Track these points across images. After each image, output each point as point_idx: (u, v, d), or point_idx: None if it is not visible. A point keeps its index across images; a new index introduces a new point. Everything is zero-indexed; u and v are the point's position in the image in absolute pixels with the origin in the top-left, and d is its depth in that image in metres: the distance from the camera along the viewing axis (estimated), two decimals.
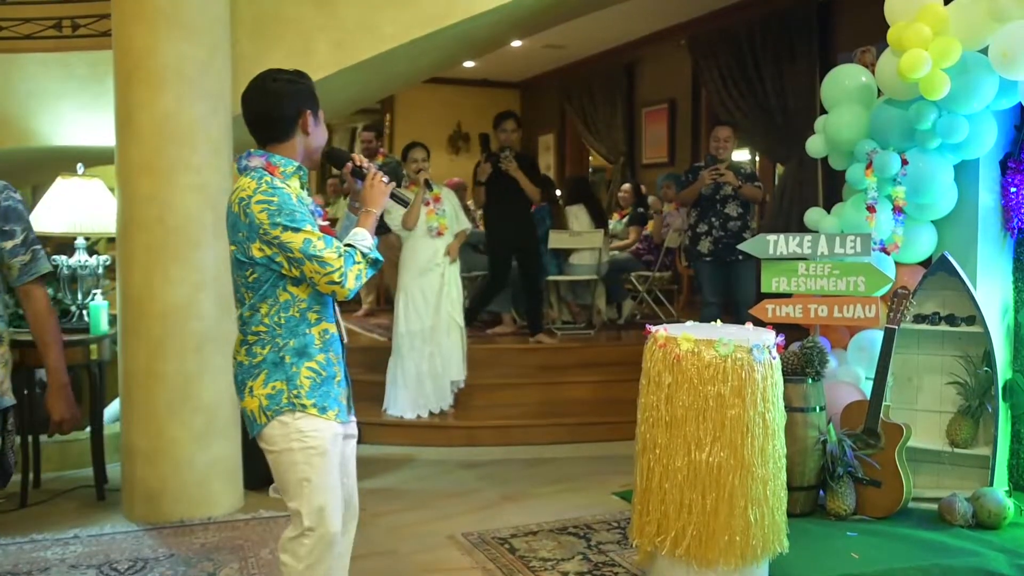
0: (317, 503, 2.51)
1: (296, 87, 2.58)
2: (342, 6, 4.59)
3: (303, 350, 2.52)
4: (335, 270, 2.43)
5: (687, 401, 3.09)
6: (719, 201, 6.18)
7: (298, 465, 2.50)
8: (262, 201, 2.42)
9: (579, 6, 5.70)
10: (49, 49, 4.82)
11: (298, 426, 2.49)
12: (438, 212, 5.92)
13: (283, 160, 2.55)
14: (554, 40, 9.96)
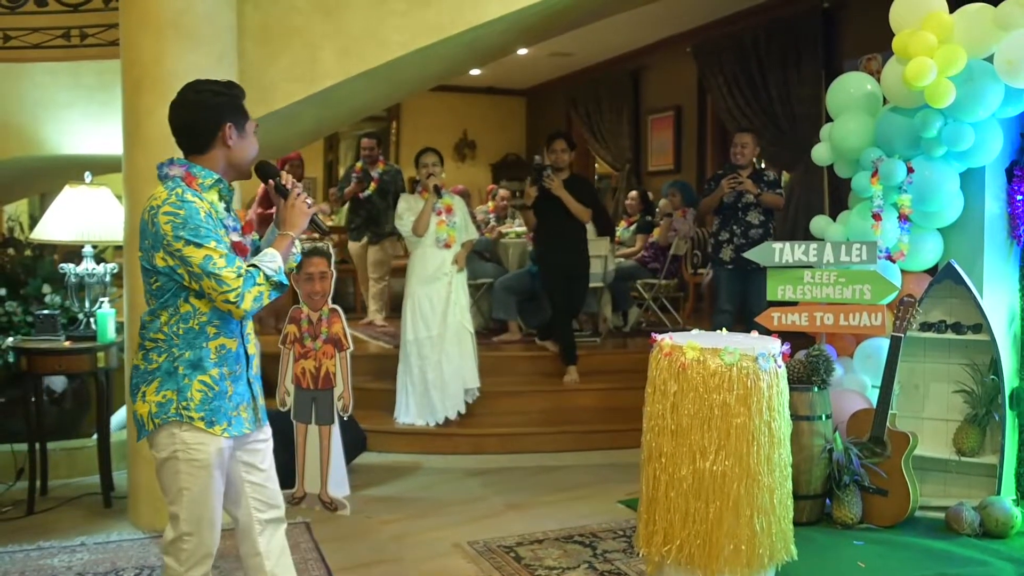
0: (195, 513, 2.57)
1: (219, 99, 2.59)
2: (349, 14, 4.61)
3: (197, 363, 2.54)
4: (231, 290, 2.45)
5: (692, 410, 3.09)
6: (740, 209, 6.16)
7: (180, 474, 2.55)
8: (169, 213, 2.45)
9: (585, 14, 5.72)
10: (58, 58, 4.85)
11: (183, 437, 2.53)
12: (449, 223, 5.80)
13: (203, 172, 2.57)
14: (560, 48, 9.99)
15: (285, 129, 5.29)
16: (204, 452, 2.54)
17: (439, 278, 5.78)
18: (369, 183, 7.85)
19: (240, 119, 2.62)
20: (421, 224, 5.70)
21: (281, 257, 2.59)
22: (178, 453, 2.54)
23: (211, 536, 2.61)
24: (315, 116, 5.30)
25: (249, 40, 4.54)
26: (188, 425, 2.53)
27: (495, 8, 4.61)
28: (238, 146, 2.60)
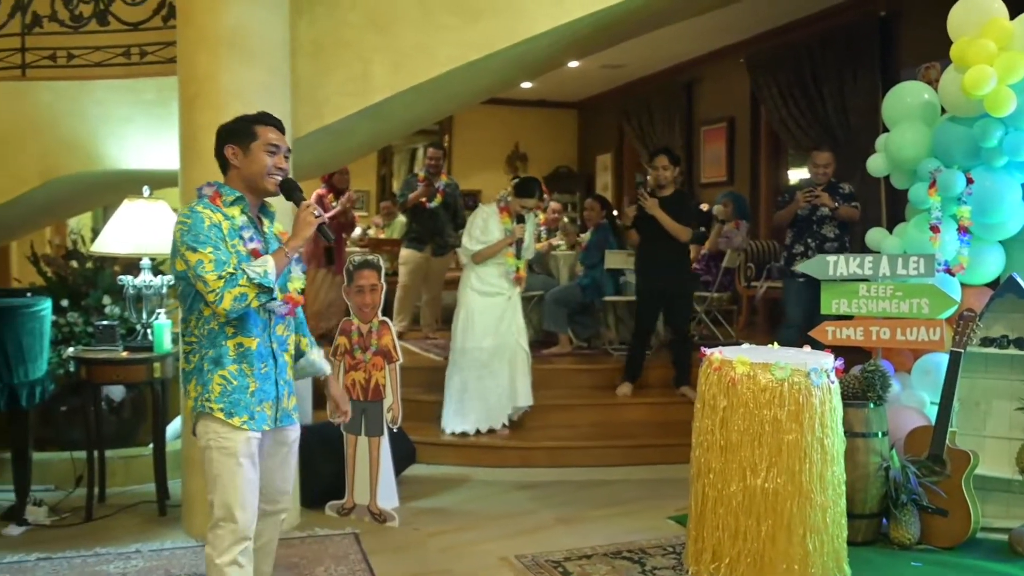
0: (225, 499, 2.79)
1: (229, 126, 2.95)
2: (399, 29, 4.65)
3: (218, 359, 2.81)
4: (211, 291, 2.70)
5: (742, 425, 3.05)
6: (815, 222, 6.02)
7: (213, 462, 2.80)
8: (180, 221, 2.79)
9: (636, 27, 5.70)
10: (118, 76, 4.97)
11: (215, 428, 2.80)
12: (515, 254, 5.75)
13: (227, 190, 2.89)
14: (611, 60, 9.97)
15: (338, 143, 5.35)
16: (232, 441, 2.79)
17: (498, 293, 5.70)
18: (435, 194, 7.82)
19: (243, 141, 2.90)
20: (485, 257, 5.65)
21: (274, 264, 2.78)
22: (211, 442, 2.81)
23: (248, 521, 2.82)
24: (367, 130, 5.35)
25: (302, 55, 4.61)
26: (211, 416, 2.79)
27: (544, 22, 4.61)
28: (244, 164, 2.89)
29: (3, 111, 4.98)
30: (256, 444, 2.83)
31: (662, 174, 6.07)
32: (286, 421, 2.97)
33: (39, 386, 4.55)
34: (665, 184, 6.08)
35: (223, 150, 2.91)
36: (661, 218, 5.96)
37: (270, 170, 2.89)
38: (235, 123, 2.96)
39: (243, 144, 2.90)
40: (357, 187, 13.38)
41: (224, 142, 2.92)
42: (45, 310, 4.66)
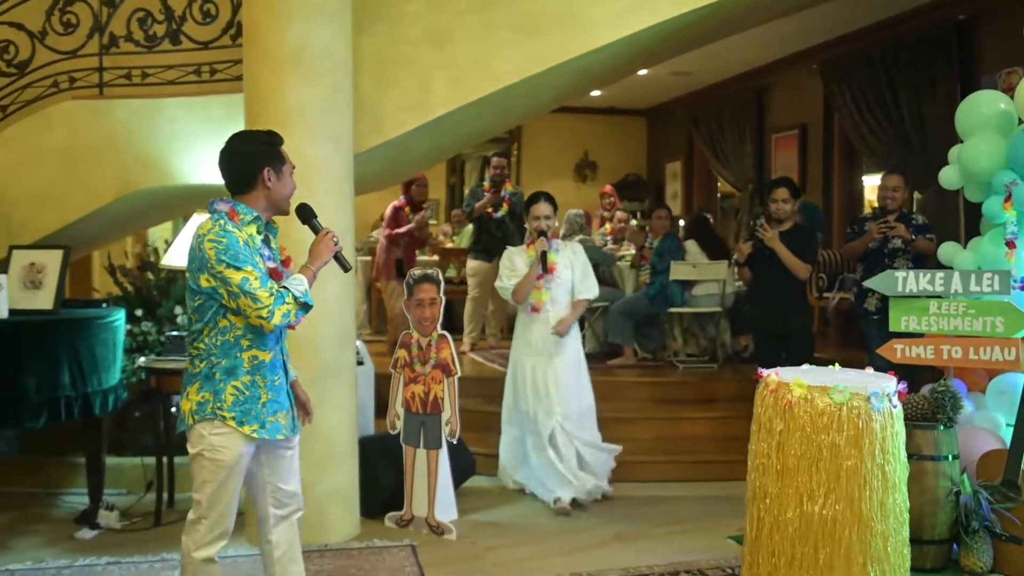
0: (212, 502, 2.97)
1: (259, 148, 3.02)
2: (459, 45, 4.68)
3: (232, 370, 2.94)
4: (264, 307, 2.84)
5: (799, 450, 2.97)
6: (887, 255, 5.67)
7: (204, 469, 2.96)
8: (213, 240, 2.86)
9: (700, 37, 5.62)
10: (190, 93, 5.11)
11: (211, 440, 2.93)
12: (546, 286, 5.09)
13: (244, 209, 2.98)
14: (681, 67, 9.85)
15: (399, 157, 5.41)
16: (226, 455, 2.94)
17: (542, 351, 5.10)
18: (501, 203, 7.79)
19: (277, 164, 3.02)
20: (522, 292, 5.08)
21: (307, 281, 2.98)
22: (204, 452, 2.95)
23: (225, 522, 3.02)
24: (428, 144, 5.40)
25: (364, 72, 4.68)
26: (220, 424, 2.92)
27: (605, 35, 4.59)
28: (275, 187, 3.01)
29: (82, 128, 5.18)
30: (250, 455, 3.00)
31: (781, 207, 5.49)
32: (298, 429, 3.16)
33: (112, 394, 4.71)
34: (783, 218, 5.52)
35: (258, 172, 2.98)
36: (781, 252, 5.38)
37: (292, 193, 3.07)
38: (264, 145, 3.03)
39: (277, 168, 3.01)
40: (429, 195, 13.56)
41: (259, 164, 2.98)
42: (118, 321, 4.82)
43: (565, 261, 5.15)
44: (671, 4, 4.52)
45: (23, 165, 5.16)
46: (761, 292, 5.71)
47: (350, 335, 4.68)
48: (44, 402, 4.26)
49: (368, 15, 4.69)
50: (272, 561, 3.19)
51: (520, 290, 5.08)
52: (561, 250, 5.18)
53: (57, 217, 5.19)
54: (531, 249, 5.17)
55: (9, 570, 4.10)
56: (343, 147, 4.50)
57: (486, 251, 7.90)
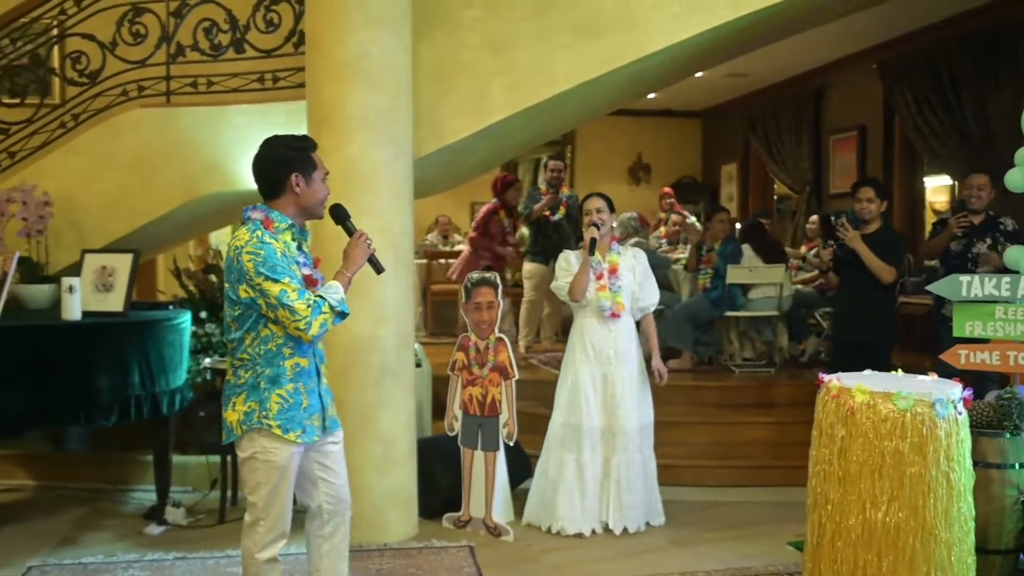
0: (268, 503, 3.03)
1: (288, 153, 3.04)
2: (516, 50, 4.73)
3: (276, 379, 2.99)
4: (302, 318, 2.89)
5: (862, 456, 2.95)
6: (971, 260, 5.41)
7: (257, 472, 3.02)
8: (251, 252, 2.90)
9: (757, 40, 5.59)
10: (253, 101, 5.23)
11: (263, 442, 2.99)
12: (612, 287, 4.75)
13: (279, 216, 3.02)
14: (737, 69, 9.76)
15: (457, 161, 5.47)
16: (277, 456, 3.00)
17: (605, 360, 4.74)
18: (558, 206, 7.76)
19: (307, 169, 3.04)
20: (577, 286, 4.70)
21: (342, 288, 3.01)
22: (257, 455, 3.01)
23: (281, 522, 3.07)
24: (486, 148, 5.45)
25: (423, 79, 4.75)
26: (267, 431, 2.97)
27: (661, 39, 4.60)
28: (305, 193, 3.03)
29: (150, 135, 5.33)
30: (299, 456, 3.07)
31: (866, 207, 5.22)
32: (334, 427, 3.21)
33: (179, 394, 4.84)
34: (869, 219, 5.25)
35: (287, 178, 3.00)
36: (863, 253, 5.12)
37: (326, 198, 3.09)
38: (294, 151, 3.05)
39: (307, 173, 3.04)
40: (480, 199, 13.63)
41: (289, 170, 3.01)
42: (185, 323, 4.95)
43: (626, 263, 4.85)
44: (728, 6, 4.52)
45: (94, 172, 5.33)
46: (841, 297, 5.53)
47: (409, 338, 4.74)
48: (115, 401, 4.40)
49: (427, 23, 4.76)
50: (319, 556, 3.25)
51: (576, 286, 4.71)
52: (622, 254, 4.90)
53: (126, 222, 5.35)
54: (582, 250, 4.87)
55: (82, 563, 4.25)
56: (403, 153, 4.57)
57: (543, 254, 7.86)
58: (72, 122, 5.46)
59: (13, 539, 4.59)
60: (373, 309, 4.47)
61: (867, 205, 5.25)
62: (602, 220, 4.75)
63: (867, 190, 5.31)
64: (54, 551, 4.42)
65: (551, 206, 7.76)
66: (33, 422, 4.37)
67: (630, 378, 4.76)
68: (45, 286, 4.98)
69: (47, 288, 4.95)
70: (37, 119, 5.44)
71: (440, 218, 11.61)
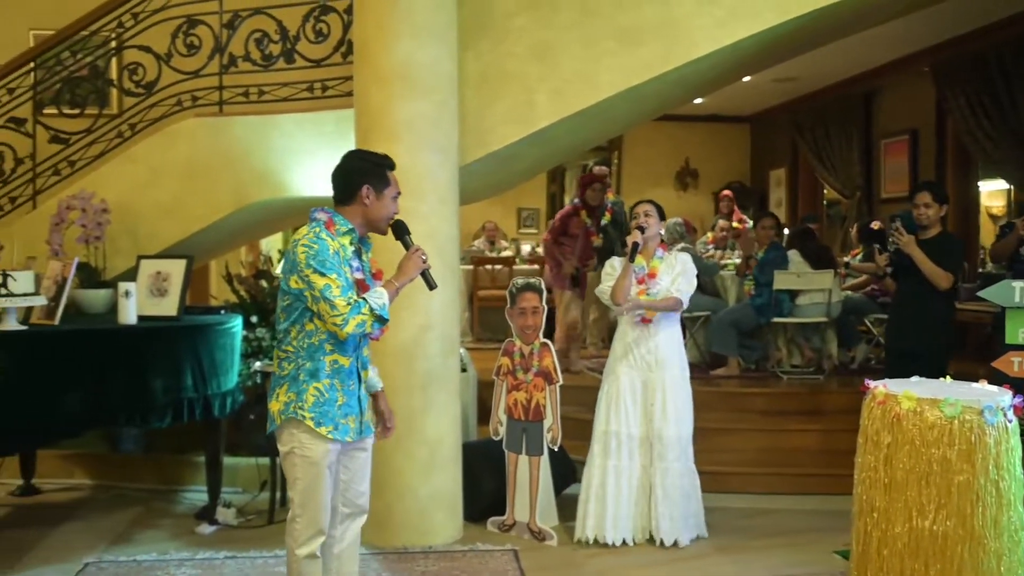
0: (305, 498, 3.11)
1: (365, 165, 3.21)
2: (561, 57, 4.76)
3: (315, 372, 3.08)
4: (339, 314, 2.97)
5: (908, 464, 2.92)
6: None
7: (296, 467, 3.11)
8: (306, 245, 3.02)
9: (804, 44, 5.55)
10: (302, 109, 5.34)
11: (300, 438, 3.08)
12: (649, 292, 4.72)
13: (342, 220, 3.14)
14: (785, 73, 9.69)
15: (503, 168, 5.51)
16: (314, 451, 3.08)
17: (642, 365, 4.70)
18: (603, 212, 7.70)
19: (380, 185, 3.18)
20: (618, 291, 4.67)
21: (387, 295, 3.09)
22: (295, 450, 3.10)
23: (319, 519, 3.13)
24: (532, 155, 5.48)
25: (469, 87, 4.80)
26: (301, 424, 3.06)
27: (706, 44, 4.60)
28: (374, 206, 3.16)
29: (203, 144, 5.47)
30: (336, 453, 3.13)
31: (924, 212, 5.06)
32: (367, 432, 3.28)
33: (230, 397, 4.95)
34: (927, 224, 5.07)
35: (359, 188, 3.14)
36: (918, 258, 4.96)
37: (391, 216, 3.21)
38: (371, 165, 3.22)
39: (378, 188, 3.17)
40: (527, 204, 13.69)
41: (361, 180, 3.15)
42: (236, 327, 5.06)
43: (668, 270, 4.77)
44: (774, 11, 4.50)
45: (150, 180, 5.48)
46: (896, 303, 5.42)
47: (454, 343, 4.79)
48: (169, 403, 4.51)
49: (474, 33, 4.81)
50: (331, 556, 3.29)
51: (617, 290, 4.67)
52: (665, 258, 4.83)
53: (180, 228, 5.49)
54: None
55: (136, 560, 4.37)
56: (449, 159, 4.63)
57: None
58: (129, 131, 5.63)
59: (71, 536, 4.74)
60: (418, 315, 4.52)
61: (924, 210, 5.11)
62: (647, 224, 4.72)
63: (924, 195, 5.16)
64: (109, 548, 4.55)
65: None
66: (91, 422, 4.50)
67: (671, 385, 4.68)
68: (102, 291, 5.13)
69: (104, 293, 5.10)
70: (96, 129, 5.62)
71: (487, 224, 11.68)
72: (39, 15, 6.77)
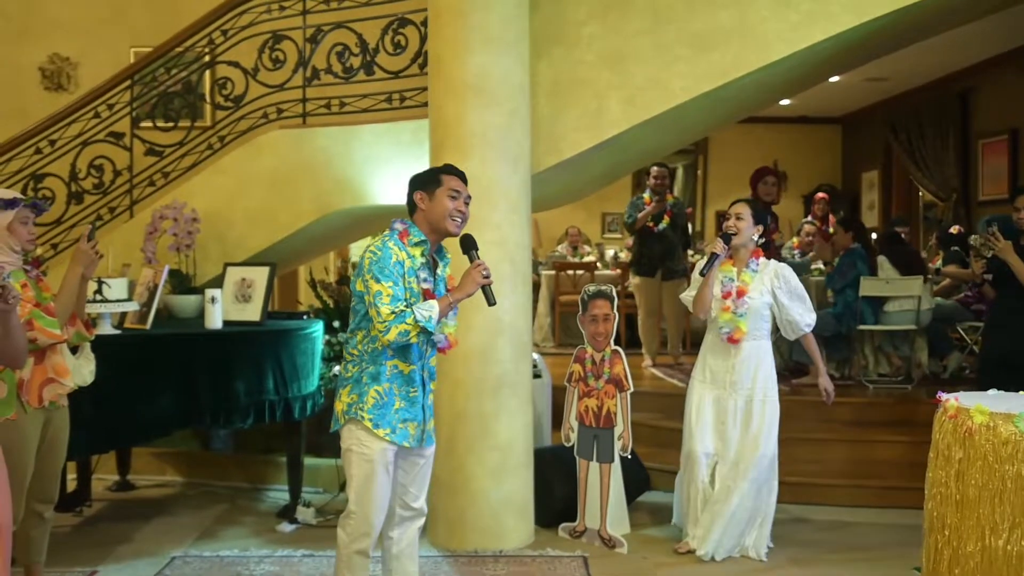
0: (360, 495, 3.22)
1: (419, 177, 3.38)
2: (632, 64, 4.76)
3: (376, 376, 3.21)
4: (382, 321, 3.08)
5: (981, 480, 2.83)
6: None
7: (352, 464, 3.23)
8: (371, 251, 3.18)
9: (886, 44, 5.40)
10: (381, 120, 5.46)
11: (359, 435, 3.21)
12: (737, 310, 4.43)
13: (416, 231, 3.28)
14: (875, 72, 9.44)
15: (576, 176, 5.54)
16: (370, 449, 3.19)
17: (728, 383, 4.50)
18: (662, 215, 7.55)
19: (430, 186, 3.30)
20: (699, 303, 4.48)
21: (438, 309, 3.16)
22: (353, 447, 3.22)
23: (373, 517, 3.24)
24: (605, 162, 5.49)
25: (541, 95, 4.85)
26: (360, 423, 3.18)
27: (780, 47, 4.54)
28: (428, 207, 3.28)
29: (288, 155, 5.66)
30: (392, 455, 3.24)
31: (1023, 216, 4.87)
32: (429, 442, 3.37)
33: (311, 400, 5.10)
34: None
35: (413, 195, 3.31)
36: (1014, 265, 4.77)
37: (451, 213, 3.27)
38: (425, 173, 3.41)
39: (429, 190, 3.30)
40: (611, 209, 13.62)
41: (414, 189, 3.32)
42: (316, 332, 5.22)
43: (760, 285, 4.46)
44: (851, 13, 4.40)
45: (238, 189, 5.70)
46: (994, 312, 5.26)
47: (526, 348, 4.83)
48: (251, 405, 4.70)
49: (546, 42, 4.86)
50: (390, 556, 3.42)
51: (698, 302, 4.50)
52: (760, 271, 4.49)
53: (266, 236, 5.69)
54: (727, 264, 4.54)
55: (219, 556, 4.55)
56: (520, 168, 4.67)
57: (648, 266, 7.70)
58: (218, 143, 5.86)
59: (161, 530, 4.97)
60: (490, 321, 4.57)
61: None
62: (735, 230, 4.39)
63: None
64: (195, 543, 4.75)
65: (655, 215, 7.55)
66: (179, 422, 4.72)
67: (745, 406, 4.46)
68: (193, 296, 5.35)
69: (195, 298, 5.33)
70: (188, 141, 5.87)
71: (570, 230, 11.69)
72: (139, 34, 7.11)
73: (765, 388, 4.51)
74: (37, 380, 3.45)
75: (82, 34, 7.46)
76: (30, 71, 7.54)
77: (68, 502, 5.15)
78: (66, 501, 5.09)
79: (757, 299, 4.43)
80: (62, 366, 3.53)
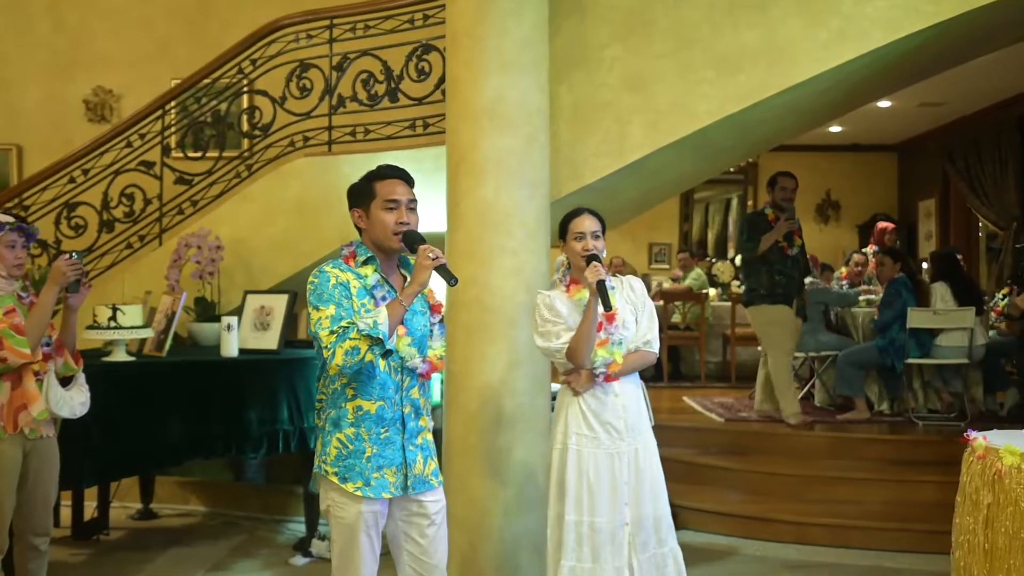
0: (341, 563, 2.77)
1: (349, 190, 2.95)
2: (655, 87, 4.62)
3: (337, 421, 2.77)
4: (325, 347, 2.65)
5: (1012, 527, 2.59)
6: None
7: (332, 527, 2.80)
8: (310, 281, 2.77)
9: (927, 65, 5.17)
10: (404, 147, 5.39)
11: (331, 495, 2.78)
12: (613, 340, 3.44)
13: (362, 250, 2.87)
14: (930, 97, 9.14)
15: (604, 203, 5.32)
16: (344, 511, 2.74)
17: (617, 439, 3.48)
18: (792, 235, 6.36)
19: (364, 202, 2.87)
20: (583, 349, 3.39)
21: (386, 314, 2.66)
22: (331, 508, 2.79)
23: None
24: (631, 188, 5.33)
25: (561, 120, 4.72)
26: (329, 482, 2.76)
27: (810, 67, 4.35)
28: (368, 226, 2.87)
29: (312, 182, 5.64)
30: (376, 516, 2.74)
31: None
32: (420, 488, 2.81)
33: None
34: None
35: (351, 213, 2.90)
36: None
37: (394, 229, 2.80)
38: (357, 184, 2.93)
39: (364, 206, 2.87)
40: (658, 240, 13.40)
41: (351, 206, 2.91)
42: None
43: (625, 303, 3.53)
44: (882, 30, 4.20)
45: (264, 217, 5.70)
46: None
47: (544, 380, 4.68)
48: (264, 434, 4.63)
49: (566, 66, 4.74)
50: None
51: (580, 347, 3.39)
52: (617, 288, 3.53)
53: (291, 263, 5.66)
54: (574, 289, 3.52)
55: None
56: (538, 194, 4.55)
57: (784, 295, 6.28)
58: (246, 172, 5.89)
59: (174, 561, 4.91)
60: (507, 352, 4.44)
61: None
62: (596, 249, 3.44)
63: None
64: (206, 575, 4.67)
65: (786, 234, 6.26)
66: (191, 450, 4.66)
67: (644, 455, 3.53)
68: (215, 324, 5.32)
69: (216, 326, 5.28)
70: (216, 170, 5.89)
71: (615, 260, 11.52)
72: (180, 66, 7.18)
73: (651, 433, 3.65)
74: (13, 405, 3.38)
75: (126, 67, 7.59)
76: (75, 103, 7.69)
77: (86, 530, 5.13)
78: (84, 529, 5.07)
79: (629, 320, 3.51)
80: (32, 392, 3.39)
